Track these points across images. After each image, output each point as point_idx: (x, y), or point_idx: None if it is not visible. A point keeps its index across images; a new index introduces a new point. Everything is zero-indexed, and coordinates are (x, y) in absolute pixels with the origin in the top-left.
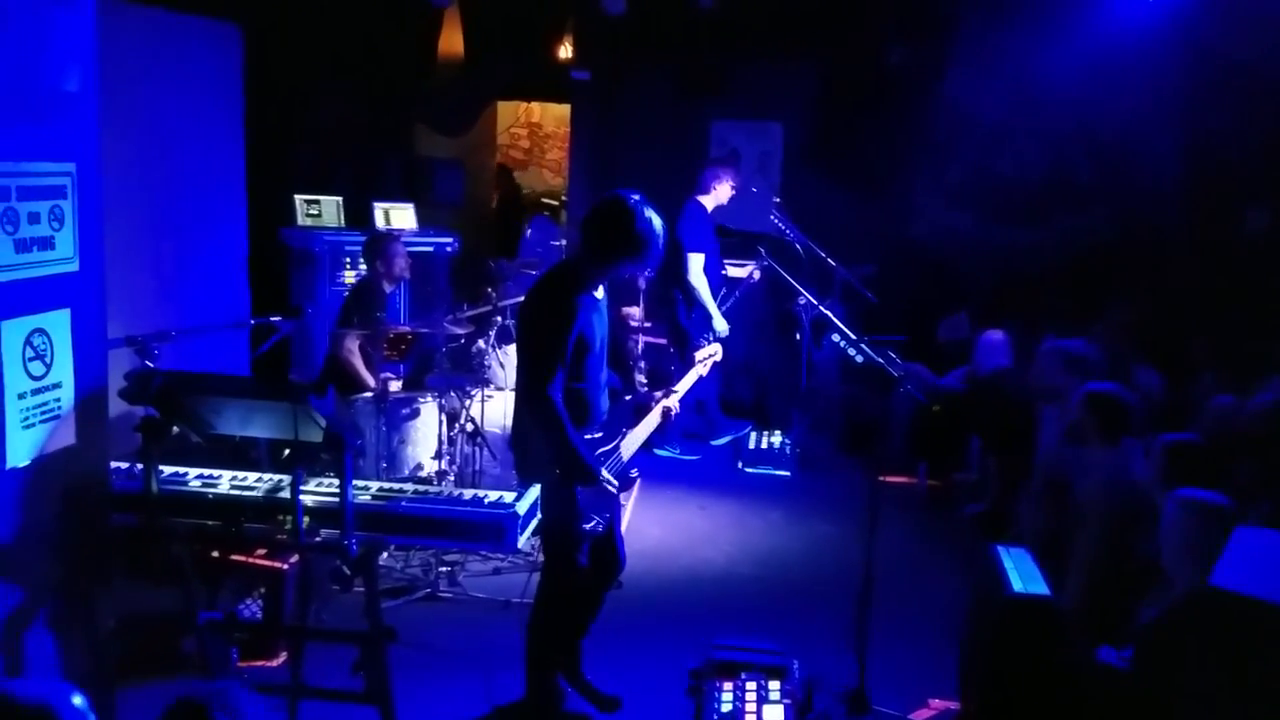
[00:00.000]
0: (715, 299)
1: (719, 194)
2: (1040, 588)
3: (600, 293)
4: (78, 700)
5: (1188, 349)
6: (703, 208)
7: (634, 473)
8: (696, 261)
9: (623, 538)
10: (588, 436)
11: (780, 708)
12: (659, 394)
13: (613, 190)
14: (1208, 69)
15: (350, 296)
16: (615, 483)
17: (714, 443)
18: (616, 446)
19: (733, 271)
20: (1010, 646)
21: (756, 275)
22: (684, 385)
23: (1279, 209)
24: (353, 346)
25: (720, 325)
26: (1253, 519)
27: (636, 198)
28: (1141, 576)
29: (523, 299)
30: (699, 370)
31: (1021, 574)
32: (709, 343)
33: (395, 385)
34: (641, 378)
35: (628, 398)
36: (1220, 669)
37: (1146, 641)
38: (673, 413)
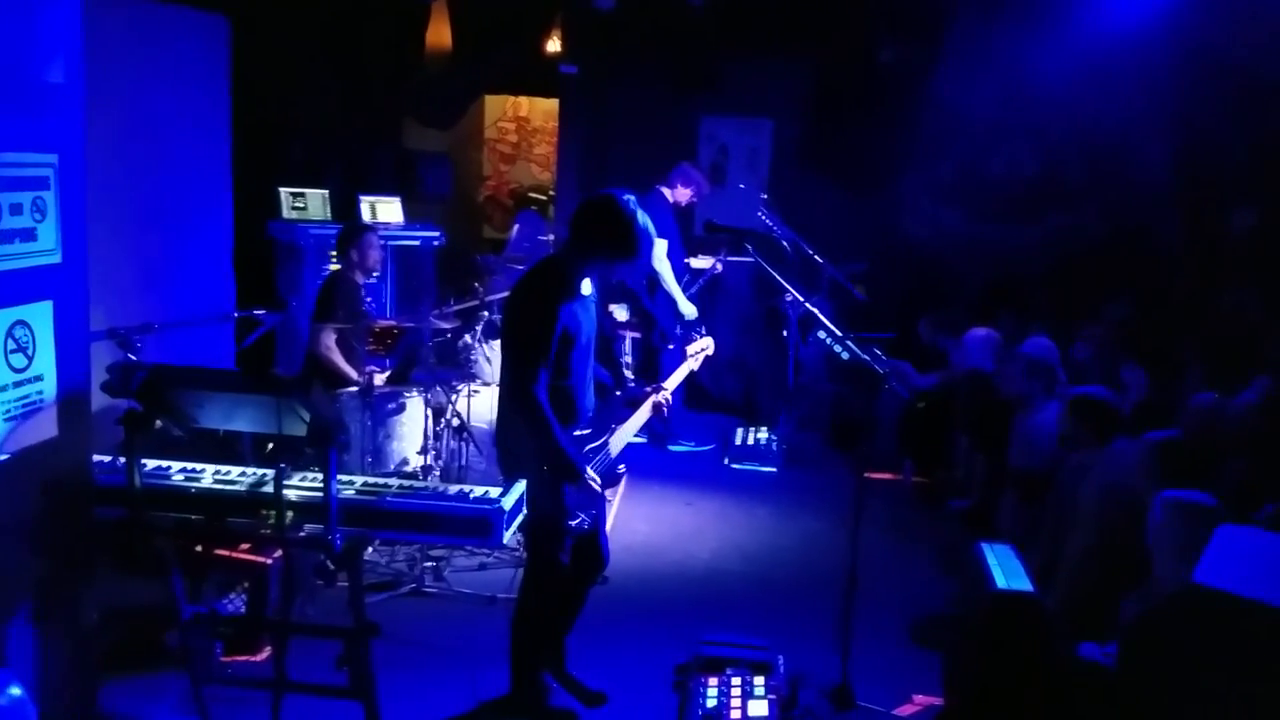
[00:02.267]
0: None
1: (678, 194)
2: (1024, 584)
3: (588, 288)
4: (16, 691)
5: (1175, 348)
6: (664, 199)
7: (621, 468)
8: (660, 247)
9: (607, 534)
10: (576, 433)
11: (765, 703)
12: (649, 388)
13: (606, 189)
14: (1199, 68)
15: (323, 291)
16: (599, 480)
17: (670, 448)
18: (605, 442)
19: (695, 263)
20: (994, 642)
21: (719, 268)
22: (675, 379)
23: (1266, 209)
24: (330, 342)
25: (687, 309)
26: (1252, 521)
27: (630, 198)
28: (1128, 575)
29: (508, 295)
30: (690, 364)
31: (1005, 570)
32: (700, 336)
33: (380, 379)
34: (629, 374)
35: (617, 393)
36: (1205, 666)
37: (1132, 638)
38: (665, 407)
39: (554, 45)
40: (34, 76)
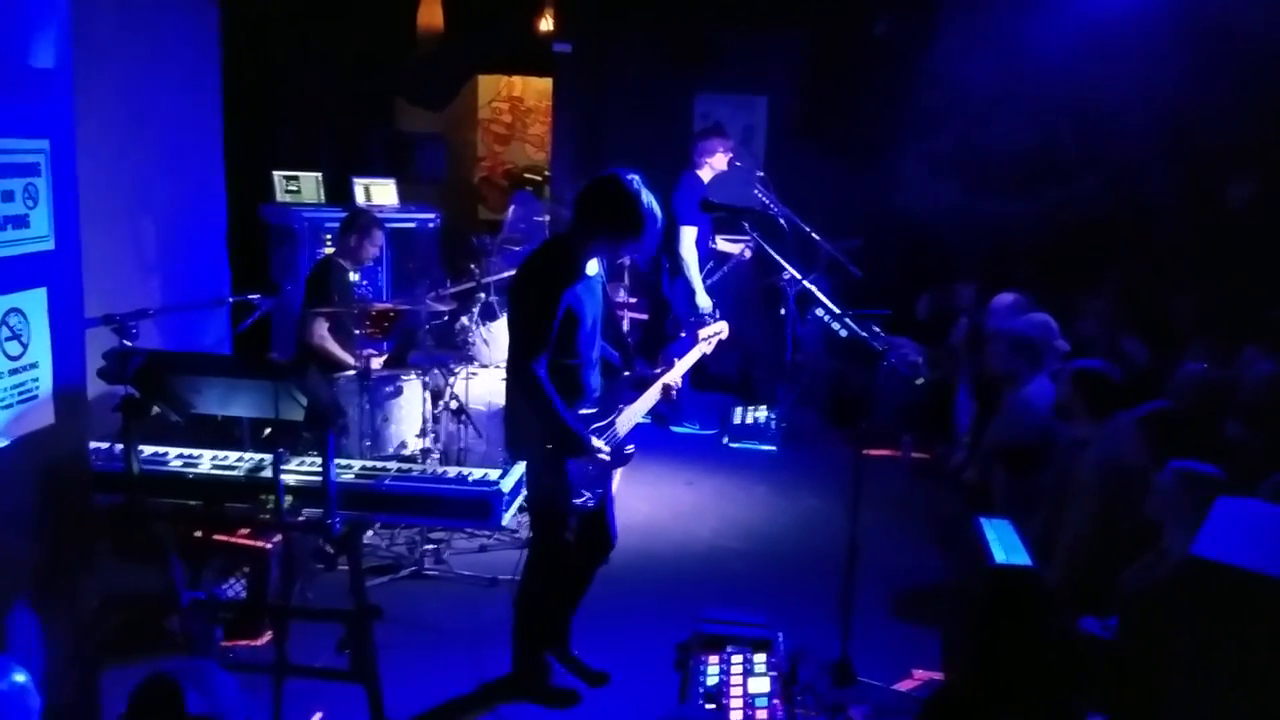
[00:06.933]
0: (701, 273)
1: (714, 164)
2: (1023, 558)
3: (594, 268)
4: (20, 677)
5: (1173, 319)
6: (699, 180)
7: (630, 449)
8: (689, 234)
9: (615, 515)
10: (583, 412)
11: (766, 680)
12: (659, 370)
13: (610, 168)
14: (1196, 36)
15: (313, 278)
16: (607, 449)
17: (673, 429)
18: (612, 422)
19: (723, 246)
20: (993, 617)
21: (748, 254)
22: (686, 361)
23: (1264, 179)
24: (323, 331)
25: (702, 301)
26: (1261, 492)
27: (634, 178)
28: (1126, 548)
29: (513, 275)
30: (702, 347)
31: (1004, 545)
32: (712, 320)
33: (378, 362)
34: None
35: (626, 373)
36: (1205, 639)
37: (1132, 612)
38: (674, 389)
39: (547, 24)
40: (23, 62)
